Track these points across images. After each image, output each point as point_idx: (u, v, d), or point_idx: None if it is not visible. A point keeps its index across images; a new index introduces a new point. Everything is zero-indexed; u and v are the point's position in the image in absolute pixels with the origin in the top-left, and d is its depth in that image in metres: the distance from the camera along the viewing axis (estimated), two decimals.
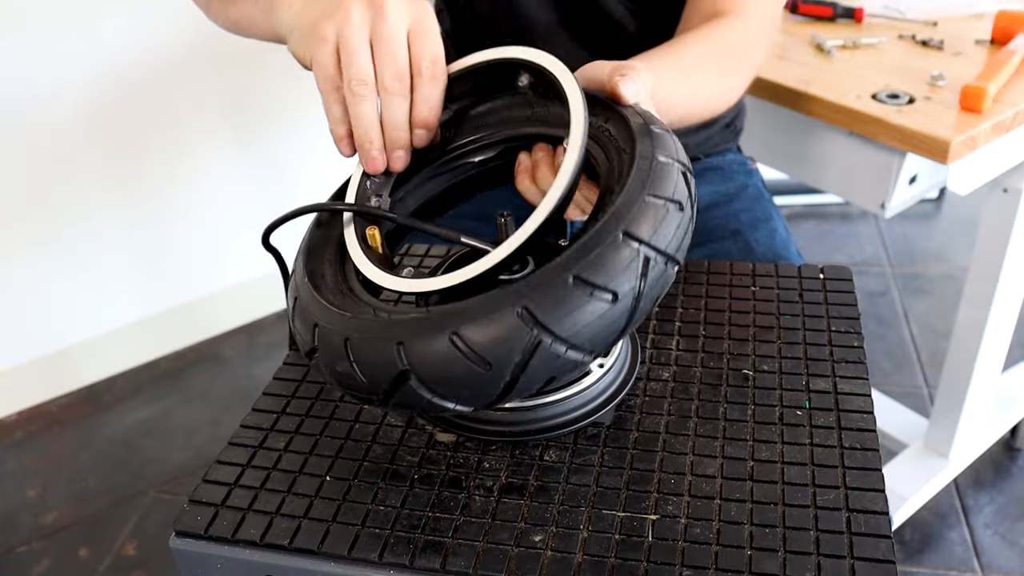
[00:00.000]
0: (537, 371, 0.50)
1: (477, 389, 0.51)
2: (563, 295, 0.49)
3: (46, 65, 1.62)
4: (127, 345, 1.92)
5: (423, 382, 0.51)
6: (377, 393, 0.53)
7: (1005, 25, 1.12)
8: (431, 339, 0.50)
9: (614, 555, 0.55)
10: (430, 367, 0.50)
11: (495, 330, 0.49)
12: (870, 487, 0.59)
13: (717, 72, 0.80)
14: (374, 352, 0.51)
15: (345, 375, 0.53)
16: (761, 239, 0.93)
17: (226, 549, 0.58)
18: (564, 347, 0.50)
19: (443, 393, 0.51)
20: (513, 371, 0.50)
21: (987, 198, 1.18)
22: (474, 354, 0.49)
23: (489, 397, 0.52)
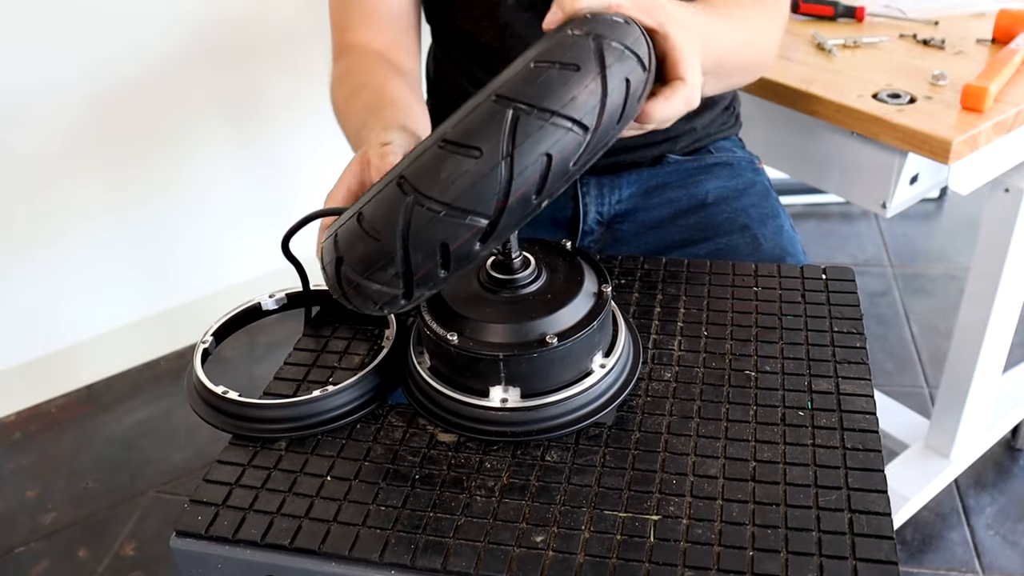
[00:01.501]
0: (422, 237, 0.52)
1: (379, 264, 0.54)
2: (431, 158, 0.52)
3: (46, 65, 1.61)
4: (126, 345, 1.92)
5: (349, 265, 0.55)
6: (336, 288, 0.58)
7: (1006, 24, 1.12)
8: (348, 225, 0.56)
9: (616, 556, 0.55)
10: (347, 249, 0.55)
11: (380, 202, 0.54)
12: (872, 488, 0.58)
13: (755, 17, 0.81)
14: (327, 250, 0.58)
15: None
16: (769, 235, 0.93)
17: (226, 549, 0.58)
18: (440, 208, 0.51)
19: (360, 271, 0.55)
20: (400, 239, 0.52)
21: (988, 198, 1.18)
22: (368, 227, 0.53)
23: (394, 273, 0.54)
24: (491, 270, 0.65)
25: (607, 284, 0.67)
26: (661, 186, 0.99)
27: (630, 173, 0.99)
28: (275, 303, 0.77)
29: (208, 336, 0.73)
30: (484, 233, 0.53)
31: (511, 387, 0.63)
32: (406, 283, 0.55)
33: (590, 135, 0.53)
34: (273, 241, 0.66)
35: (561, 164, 0.52)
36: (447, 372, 0.65)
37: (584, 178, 0.98)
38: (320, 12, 0.99)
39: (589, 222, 0.99)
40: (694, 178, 0.99)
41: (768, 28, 0.84)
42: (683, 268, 0.81)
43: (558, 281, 0.66)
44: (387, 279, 0.55)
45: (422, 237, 0.52)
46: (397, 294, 0.56)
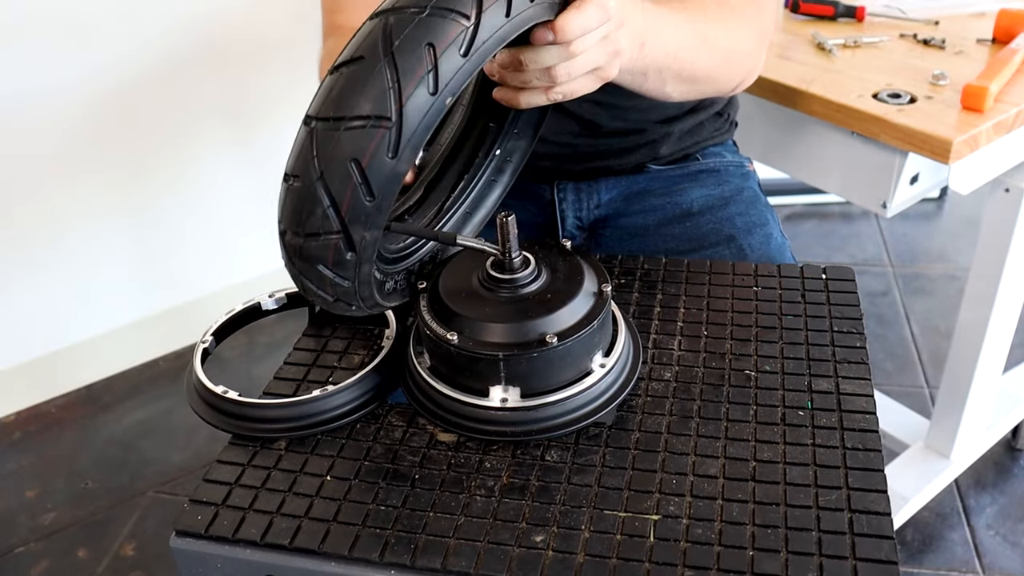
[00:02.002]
0: (332, 160, 0.53)
1: (307, 210, 0.54)
2: (323, 87, 0.54)
3: (46, 65, 1.61)
4: (126, 345, 1.92)
5: (288, 229, 0.57)
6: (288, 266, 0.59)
7: (1007, 24, 1.12)
8: (279, 192, 0.58)
9: (616, 555, 0.55)
10: (282, 213, 0.57)
11: (294, 149, 0.55)
12: (872, 488, 0.58)
13: (717, 18, 0.79)
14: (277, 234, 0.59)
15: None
16: (756, 244, 0.92)
17: (226, 549, 0.58)
18: (339, 123, 0.52)
19: (296, 228, 0.56)
20: (315, 172, 0.53)
21: (989, 198, 1.18)
22: (290, 178, 0.55)
23: (322, 215, 0.54)
24: (491, 270, 0.65)
25: (607, 284, 0.67)
26: (643, 193, 0.98)
27: (608, 179, 0.98)
28: (275, 303, 0.77)
29: (208, 336, 0.73)
30: (392, 140, 0.52)
31: (511, 387, 0.63)
32: (340, 222, 0.54)
33: (472, 21, 0.53)
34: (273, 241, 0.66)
35: (450, 52, 0.52)
36: (447, 372, 0.65)
37: (560, 183, 0.98)
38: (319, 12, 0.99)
39: (568, 227, 0.99)
40: (678, 186, 0.98)
41: (739, 36, 0.82)
42: (683, 268, 0.81)
43: (558, 281, 0.66)
44: (319, 224, 0.54)
45: (331, 160, 0.53)
46: (336, 242, 0.55)
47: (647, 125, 0.95)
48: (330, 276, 0.57)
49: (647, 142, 0.97)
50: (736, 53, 0.82)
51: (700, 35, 0.77)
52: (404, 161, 0.54)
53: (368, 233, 0.55)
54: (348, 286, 0.59)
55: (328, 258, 0.56)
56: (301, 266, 0.58)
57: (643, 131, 0.95)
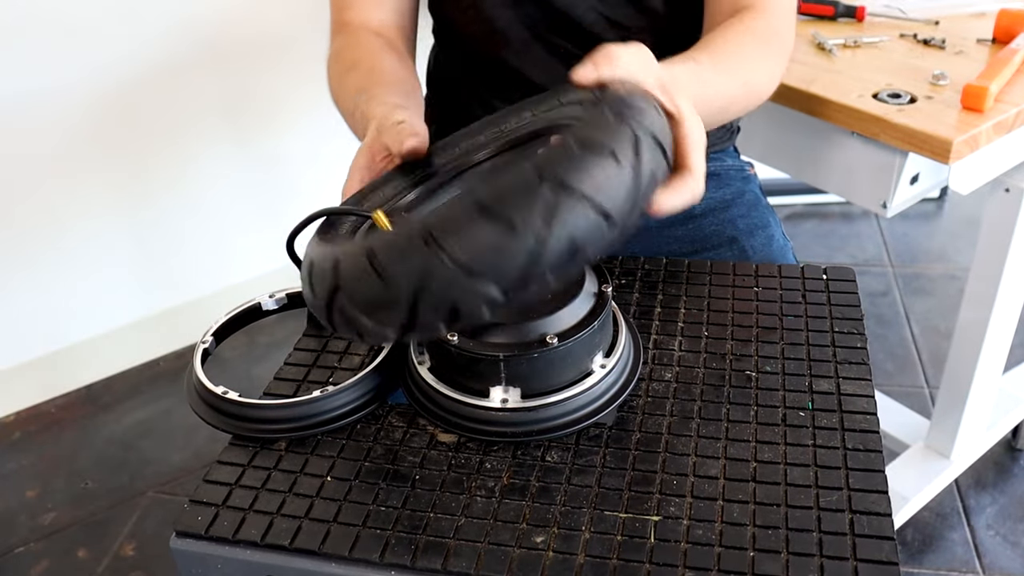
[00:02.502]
0: (436, 295, 0.50)
1: (382, 307, 0.52)
2: (462, 218, 0.49)
3: (47, 66, 1.61)
4: (126, 345, 1.92)
5: (348, 297, 0.53)
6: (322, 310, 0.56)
7: (1007, 24, 1.12)
8: (354, 259, 0.52)
9: (616, 556, 0.54)
10: (350, 282, 0.53)
11: (396, 247, 0.51)
12: (873, 488, 0.58)
13: (756, 58, 0.82)
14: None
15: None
16: (757, 246, 0.92)
17: (226, 549, 0.58)
18: (461, 271, 0.49)
19: (359, 307, 0.53)
20: (412, 291, 0.50)
21: (989, 198, 1.18)
22: (380, 268, 0.51)
23: (396, 317, 0.52)
24: None
25: (607, 284, 0.66)
26: None
27: None
28: (275, 303, 0.77)
29: (208, 336, 0.73)
30: (495, 303, 0.51)
31: (511, 387, 0.63)
32: (403, 329, 0.53)
33: (615, 228, 0.52)
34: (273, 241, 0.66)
35: (583, 251, 0.51)
36: (447, 372, 0.65)
37: None
38: (321, 12, 0.99)
39: None
40: None
41: (770, 65, 0.84)
42: (683, 268, 0.81)
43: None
44: (385, 320, 0.53)
45: (436, 294, 0.50)
46: (389, 335, 0.54)
47: None
48: (356, 338, 0.57)
49: None
50: (767, 87, 0.84)
51: (741, 84, 0.80)
52: (495, 317, 0.54)
53: (419, 339, 0.57)
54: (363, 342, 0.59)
55: (369, 336, 0.56)
56: (338, 320, 0.56)
57: None
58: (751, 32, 0.82)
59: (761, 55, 0.83)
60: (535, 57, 0.92)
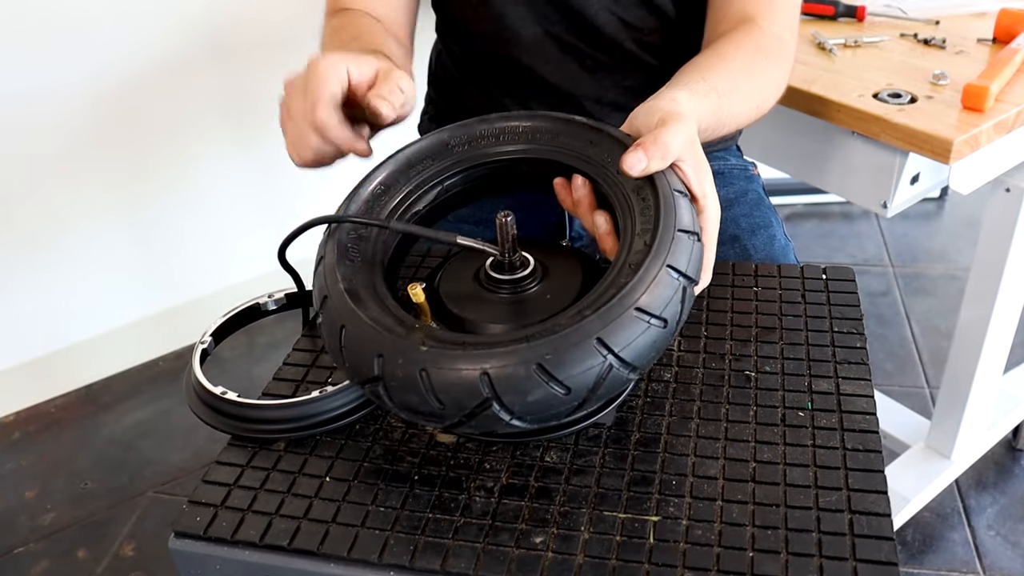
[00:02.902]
0: (605, 391, 0.55)
1: (553, 410, 0.54)
2: (626, 323, 0.54)
3: (46, 65, 1.61)
4: (125, 345, 1.92)
5: (505, 407, 0.53)
6: (452, 418, 0.55)
7: (1007, 24, 1.11)
8: (516, 369, 0.53)
9: (615, 557, 0.54)
10: (514, 395, 0.53)
11: (576, 359, 0.53)
12: (872, 489, 0.58)
13: (763, 74, 0.82)
14: (455, 382, 0.53)
15: (419, 403, 0.55)
16: (759, 245, 0.92)
17: (225, 550, 0.58)
18: (627, 370, 0.55)
19: (520, 414, 0.54)
20: (587, 393, 0.54)
21: (989, 197, 1.18)
22: (557, 381, 0.53)
23: (561, 416, 0.55)
24: (490, 270, 0.65)
25: None
26: None
27: None
28: (274, 303, 0.77)
29: (207, 336, 0.73)
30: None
31: None
32: (554, 419, 0.56)
33: (637, 371, 0.56)
34: (273, 241, 0.66)
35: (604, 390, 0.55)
36: None
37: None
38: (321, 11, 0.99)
39: (576, 227, 0.99)
40: None
41: (777, 78, 0.85)
42: None
43: (558, 281, 0.66)
44: (545, 420, 0.55)
45: (605, 391, 0.55)
46: (423, 409, 0.56)
47: None
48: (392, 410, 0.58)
49: None
50: (772, 100, 0.85)
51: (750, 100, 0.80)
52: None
53: None
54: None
55: (420, 417, 0.57)
56: (378, 392, 0.57)
57: None
58: (762, 51, 0.82)
59: (771, 73, 0.83)
60: (547, 55, 0.92)
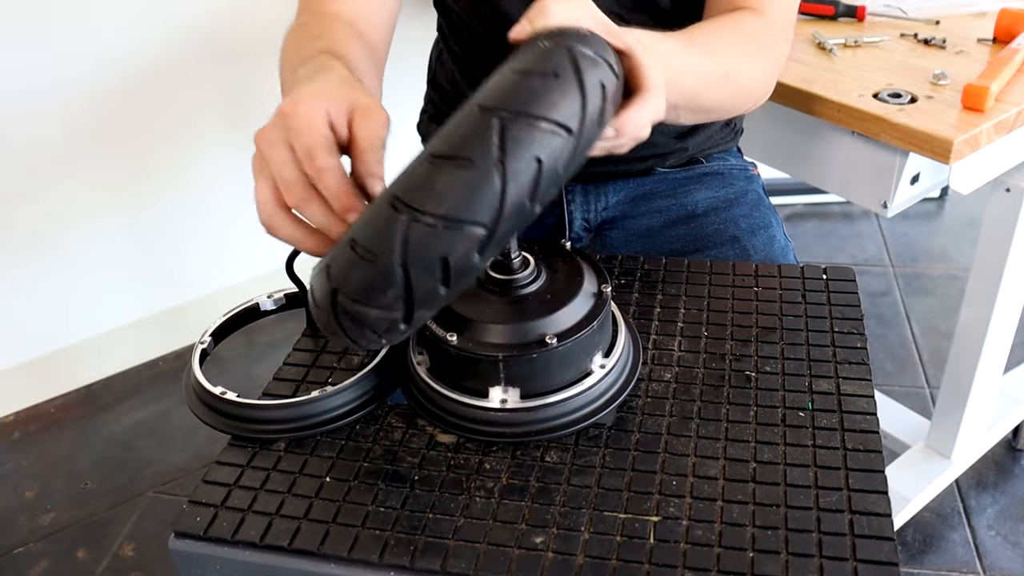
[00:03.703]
0: (421, 253, 0.51)
1: (378, 287, 0.52)
2: (423, 173, 0.51)
3: (45, 64, 1.61)
4: (125, 345, 1.92)
5: (345, 295, 0.53)
6: (331, 322, 0.55)
7: (1008, 23, 1.11)
8: (340, 254, 0.53)
9: (615, 557, 0.54)
10: (342, 278, 0.53)
11: (372, 224, 0.52)
12: (873, 489, 0.58)
13: (741, 53, 0.80)
14: (318, 287, 0.55)
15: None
16: (759, 246, 0.92)
17: (225, 550, 0.58)
18: (437, 221, 0.50)
19: (358, 298, 0.53)
20: (399, 257, 0.51)
21: (990, 197, 1.18)
22: (363, 251, 0.51)
23: (394, 296, 0.52)
24: (491, 270, 0.65)
25: (607, 284, 0.66)
26: (649, 195, 0.99)
27: (615, 181, 0.99)
28: (274, 303, 0.77)
29: (206, 336, 0.73)
30: (482, 243, 0.52)
31: (510, 388, 0.63)
32: (407, 305, 0.53)
33: (575, 138, 0.53)
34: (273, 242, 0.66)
35: (551, 168, 0.52)
36: (446, 373, 0.65)
37: (569, 185, 0.98)
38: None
39: (576, 229, 0.99)
40: (683, 188, 0.99)
41: (756, 66, 0.82)
42: (683, 268, 0.81)
43: (558, 281, 0.66)
44: (387, 302, 0.53)
45: (421, 253, 0.51)
46: (397, 318, 0.54)
47: (659, 138, 0.96)
48: (375, 338, 0.56)
49: (657, 154, 0.97)
50: (754, 87, 0.83)
51: (722, 73, 0.77)
52: (487, 260, 0.53)
53: (428, 314, 0.55)
54: (383, 344, 0.58)
55: (381, 328, 0.55)
56: (347, 324, 0.55)
57: (654, 144, 0.95)
58: (740, 28, 0.81)
59: (747, 52, 0.81)
60: None
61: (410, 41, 1.89)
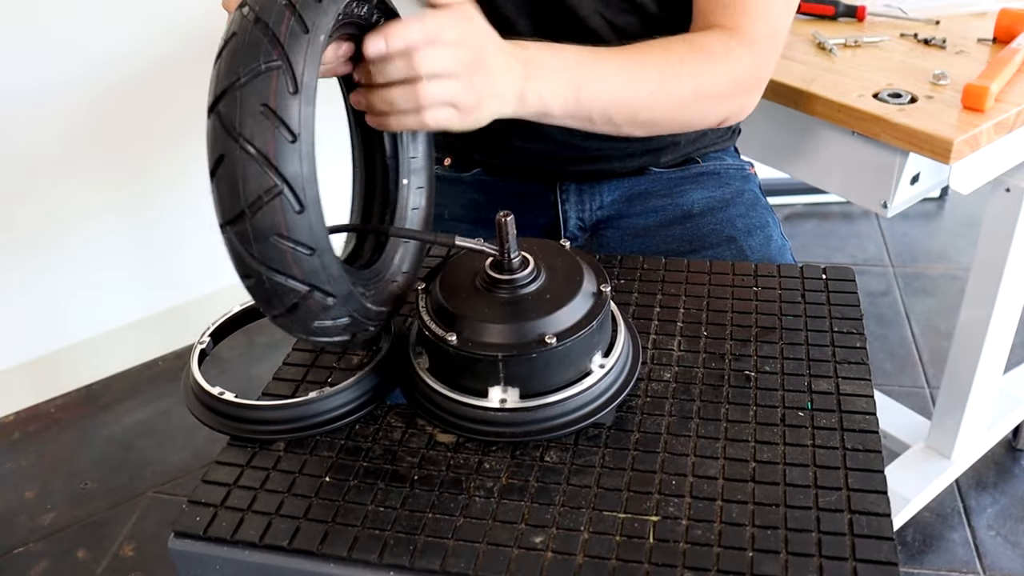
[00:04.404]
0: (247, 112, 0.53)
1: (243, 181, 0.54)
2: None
3: (45, 64, 1.61)
4: (125, 345, 1.92)
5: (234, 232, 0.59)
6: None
7: (1008, 23, 1.11)
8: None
9: (615, 557, 0.54)
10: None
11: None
12: (872, 489, 0.58)
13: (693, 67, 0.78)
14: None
15: None
16: (756, 246, 0.92)
17: (225, 550, 0.58)
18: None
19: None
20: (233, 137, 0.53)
21: (990, 197, 1.17)
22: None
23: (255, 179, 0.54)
24: (490, 270, 0.65)
25: (606, 284, 0.66)
26: (645, 194, 0.98)
27: (610, 180, 0.98)
28: None
29: (205, 337, 0.73)
30: (289, 78, 0.53)
31: (510, 387, 0.63)
32: (277, 173, 0.53)
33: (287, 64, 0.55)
34: None
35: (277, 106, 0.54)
36: (446, 372, 0.65)
37: (563, 184, 0.98)
38: None
39: (571, 228, 0.99)
40: (679, 187, 0.98)
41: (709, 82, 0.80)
42: (683, 268, 0.81)
43: (557, 281, 0.66)
44: (256, 187, 0.54)
45: (246, 116, 0.53)
46: (280, 192, 0.54)
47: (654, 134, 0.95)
48: (289, 247, 0.55)
49: (652, 149, 0.97)
50: (708, 98, 0.81)
51: (656, 84, 0.77)
52: (307, 98, 0.54)
53: (305, 168, 0.54)
54: (313, 261, 0.56)
55: (278, 220, 0.55)
56: (258, 250, 0.56)
57: (650, 138, 0.95)
58: (694, 46, 0.79)
59: (695, 60, 0.79)
60: None
61: None
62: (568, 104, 0.72)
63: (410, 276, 0.72)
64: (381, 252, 0.71)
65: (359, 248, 0.72)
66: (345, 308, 0.60)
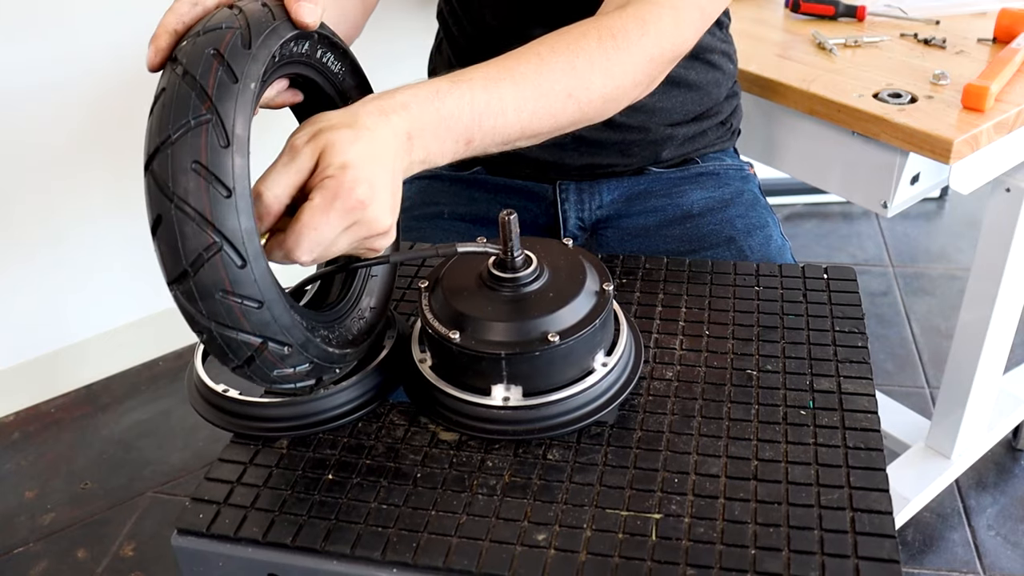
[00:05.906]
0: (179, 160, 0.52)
1: (182, 238, 0.53)
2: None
3: (45, 64, 1.61)
4: (125, 345, 1.92)
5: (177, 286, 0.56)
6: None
7: (1007, 23, 1.12)
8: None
9: (618, 554, 0.54)
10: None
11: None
12: (874, 487, 0.58)
13: (602, 58, 0.71)
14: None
15: None
16: (755, 246, 0.92)
17: (228, 547, 0.58)
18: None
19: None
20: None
21: (990, 197, 1.18)
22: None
23: (193, 232, 0.52)
24: (493, 268, 0.65)
25: (609, 283, 0.66)
26: (644, 194, 0.98)
27: (609, 180, 0.98)
28: None
29: None
30: (219, 130, 0.52)
31: (513, 385, 0.63)
32: (211, 225, 0.52)
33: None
34: None
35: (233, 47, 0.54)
36: (449, 371, 0.65)
37: (563, 183, 0.98)
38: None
39: (570, 228, 0.99)
40: (679, 188, 0.98)
41: (622, 70, 0.73)
42: (685, 268, 0.81)
43: (560, 279, 0.66)
44: (193, 233, 0.52)
45: (180, 181, 0.52)
46: (216, 241, 0.52)
47: (651, 125, 0.95)
48: (236, 302, 0.54)
49: (650, 141, 0.96)
50: (620, 88, 0.74)
51: (560, 102, 0.70)
52: (240, 150, 0.53)
53: (243, 222, 0.53)
54: (263, 313, 0.55)
55: (221, 276, 0.53)
56: (205, 307, 0.55)
57: (647, 130, 0.95)
58: (586, 35, 0.72)
59: (604, 49, 0.72)
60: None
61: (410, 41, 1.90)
62: (459, 154, 0.65)
63: (379, 311, 0.69)
64: (348, 290, 0.69)
65: (325, 288, 0.70)
66: (304, 356, 0.58)
